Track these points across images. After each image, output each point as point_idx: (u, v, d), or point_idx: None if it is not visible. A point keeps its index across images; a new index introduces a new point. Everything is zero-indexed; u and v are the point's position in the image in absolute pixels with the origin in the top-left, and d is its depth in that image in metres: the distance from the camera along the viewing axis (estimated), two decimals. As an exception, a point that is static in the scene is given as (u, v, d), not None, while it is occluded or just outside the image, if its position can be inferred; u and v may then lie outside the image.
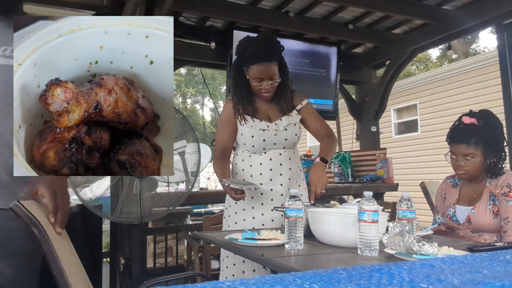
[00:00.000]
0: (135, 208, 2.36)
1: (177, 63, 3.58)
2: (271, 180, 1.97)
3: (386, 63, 4.23)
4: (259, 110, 2.01)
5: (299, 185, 2.04)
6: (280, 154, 1.99)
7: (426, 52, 15.89)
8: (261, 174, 1.97)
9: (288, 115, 2.03)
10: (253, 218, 1.95)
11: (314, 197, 1.84)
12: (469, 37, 14.69)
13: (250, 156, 2.00)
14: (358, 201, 1.33)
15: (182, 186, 2.58)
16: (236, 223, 1.98)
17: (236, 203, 1.97)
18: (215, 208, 5.42)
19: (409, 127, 9.53)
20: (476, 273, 0.52)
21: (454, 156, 1.88)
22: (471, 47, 16.06)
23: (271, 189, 1.97)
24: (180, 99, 21.56)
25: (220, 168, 2.01)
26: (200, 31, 3.49)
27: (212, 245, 2.69)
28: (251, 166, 1.99)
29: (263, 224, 1.93)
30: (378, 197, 3.68)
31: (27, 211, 1.34)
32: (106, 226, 3.40)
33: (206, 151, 4.88)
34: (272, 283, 0.45)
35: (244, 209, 1.98)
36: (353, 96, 4.56)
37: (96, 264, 2.60)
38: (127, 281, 2.75)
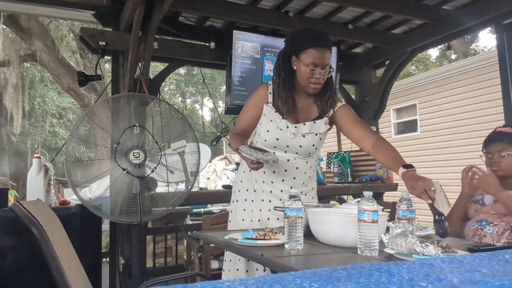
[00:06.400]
0: (134, 208, 2.36)
1: (177, 63, 3.58)
2: (272, 182, 1.93)
3: (386, 63, 4.22)
4: (293, 107, 1.89)
5: (305, 194, 1.96)
6: (288, 160, 1.90)
7: (425, 52, 15.90)
8: (264, 172, 1.92)
9: (314, 122, 1.91)
10: (260, 210, 1.94)
11: (430, 199, 1.48)
12: (469, 37, 14.70)
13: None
14: (358, 201, 1.33)
15: (181, 186, 2.58)
16: (243, 219, 1.96)
17: (237, 200, 1.97)
18: (215, 208, 5.41)
19: (408, 127, 9.54)
20: (475, 272, 0.52)
21: (490, 155, 1.98)
22: (471, 47, 16.07)
23: (271, 191, 1.93)
24: (180, 98, 21.54)
25: (236, 138, 1.86)
26: (200, 31, 3.49)
27: (211, 245, 2.69)
28: None
29: (268, 219, 1.93)
30: (377, 197, 3.68)
31: (26, 211, 1.34)
32: (105, 226, 3.40)
33: (205, 151, 4.88)
34: (272, 283, 0.45)
35: (253, 200, 1.95)
36: (353, 96, 4.55)
37: (95, 264, 2.60)
38: (127, 281, 2.75)
